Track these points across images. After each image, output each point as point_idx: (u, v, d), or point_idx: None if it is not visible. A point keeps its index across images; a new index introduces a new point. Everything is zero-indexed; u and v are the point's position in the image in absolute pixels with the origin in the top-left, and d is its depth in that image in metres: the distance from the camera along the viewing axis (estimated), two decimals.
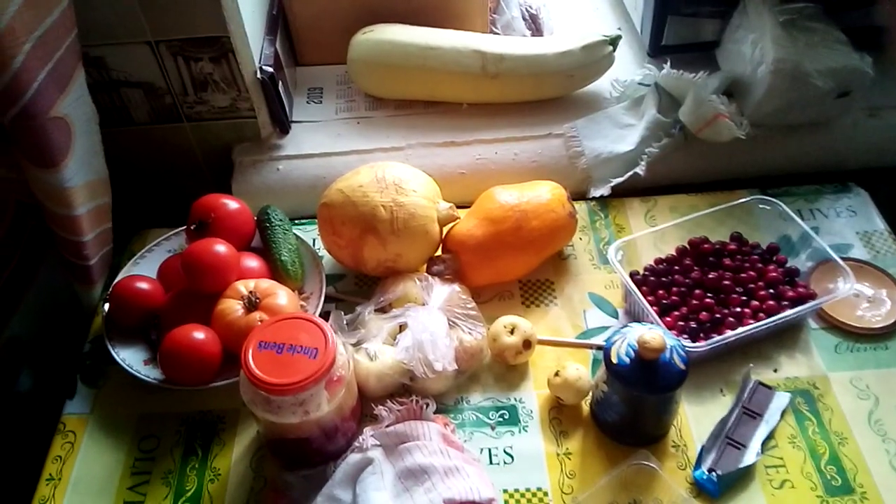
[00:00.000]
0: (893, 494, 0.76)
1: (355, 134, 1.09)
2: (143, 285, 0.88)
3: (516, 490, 0.78)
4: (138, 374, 0.84)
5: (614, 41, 1.08)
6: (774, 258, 0.93)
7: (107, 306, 0.90)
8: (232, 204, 0.92)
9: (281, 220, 0.94)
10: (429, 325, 0.83)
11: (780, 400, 0.83)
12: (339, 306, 0.92)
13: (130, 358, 0.86)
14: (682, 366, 0.75)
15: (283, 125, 1.07)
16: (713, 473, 0.77)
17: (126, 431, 0.84)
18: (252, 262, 0.90)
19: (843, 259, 0.89)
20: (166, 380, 0.83)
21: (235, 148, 1.07)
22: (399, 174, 0.90)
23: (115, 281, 0.91)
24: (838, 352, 0.87)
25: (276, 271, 0.90)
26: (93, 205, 0.91)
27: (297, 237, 0.95)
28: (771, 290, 0.89)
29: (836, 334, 0.89)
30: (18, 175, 0.86)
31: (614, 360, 0.76)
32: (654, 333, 0.74)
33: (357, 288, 0.96)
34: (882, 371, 0.85)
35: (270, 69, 1.02)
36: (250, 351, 0.72)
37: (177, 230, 0.98)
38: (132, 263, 0.95)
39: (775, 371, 0.86)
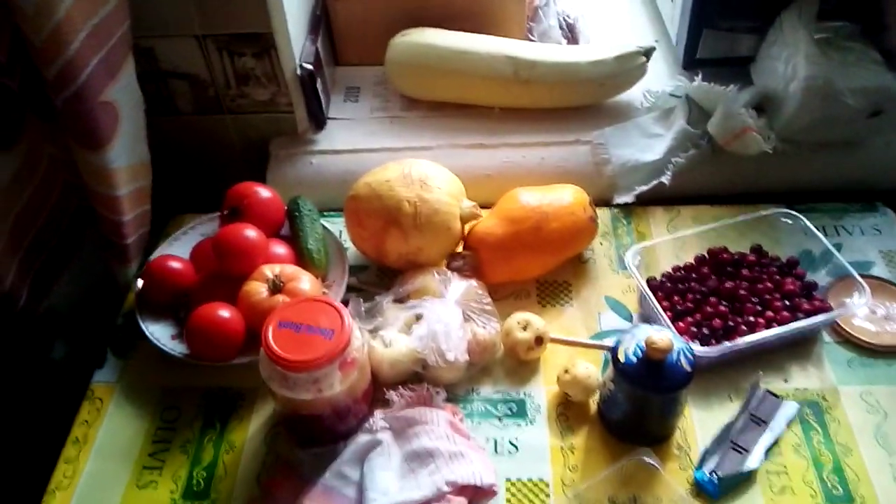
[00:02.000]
0: None
1: (388, 132, 1.12)
2: (176, 264, 0.93)
3: (518, 479, 0.80)
4: (165, 348, 0.88)
5: (648, 52, 1.09)
6: (793, 271, 0.93)
7: (140, 283, 0.94)
8: (264, 192, 0.96)
9: (310, 211, 0.98)
10: (444, 316, 0.86)
11: (788, 409, 0.83)
12: (361, 295, 0.95)
13: (159, 332, 0.90)
14: (688, 368, 0.76)
15: (318, 121, 1.11)
16: (714, 475, 0.78)
17: (150, 401, 0.88)
18: (280, 248, 0.94)
19: (863, 276, 0.90)
20: (191, 354, 0.87)
21: (273, 141, 1.11)
22: (425, 171, 0.93)
23: (150, 259, 0.95)
24: (851, 366, 0.87)
25: (302, 258, 0.94)
26: (134, 187, 0.95)
27: (324, 227, 0.99)
28: (787, 302, 0.89)
29: (850, 349, 0.89)
30: (66, 155, 0.91)
31: (621, 359, 0.77)
32: (663, 334, 0.76)
33: (378, 279, 0.99)
34: (894, 388, 0.85)
35: (310, 66, 1.06)
36: (270, 328, 0.76)
37: (211, 215, 1.02)
38: (167, 244, 0.99)
39: (785, 381, 0.86)
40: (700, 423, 0.83)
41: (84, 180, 0.91)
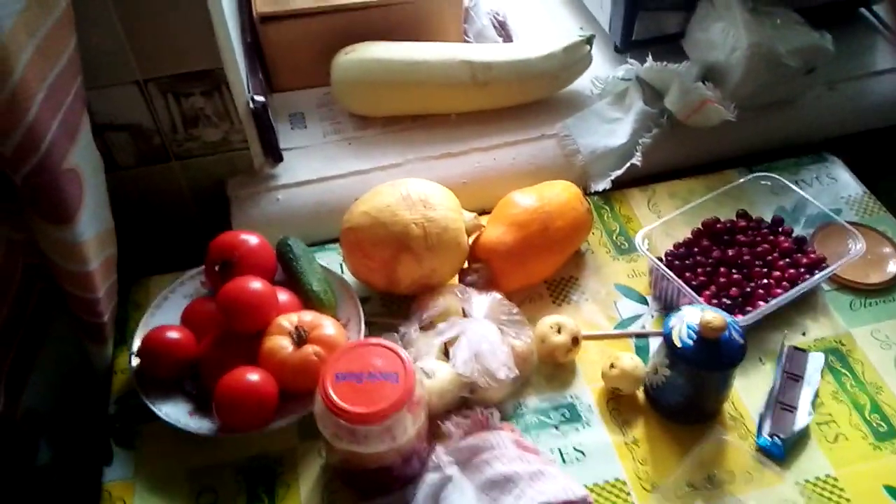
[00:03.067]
0: None
1: (349, 155, 1.07)
2: (175, 334, 0.84)
3: (595, 484, 0.79)
4: (188, 428, 0.79)
5: (590, 40, 1.11)
6: (780, 229, 0.98)
7: (134, 361, 0.85)
8: (253, 239, 0.89)
9: (304, 251, 0.92)
10: (483, 335, 0.83)
11: (816, 360, 0.88)
12: (372, 329, 0.90)
13: (174, 412, 0.81)
14: (741, 340, 0.78)
15: (276, 154, 1.04)
16: (776, 438, 0.81)
17: (179, 489, 0.80)
18: (283, 296, 0.87)
19: (837, 223, 0.96)
20: (224, 428, 0.79)
21: (229, 182, 1.03)
22: (423, 189, 0.90)
23: (143, 334, 0.86)
24: (853, 309, 0.93)
25: (309, 302, 0.88)
26: (103, 257, 0.85)
27: (322, 265, 0.93)
28: (787, 260, 0.94)
29: (848, 293, 0.95)
30: (26, 236, 0.80)
31: (678, 345, 0.78)
32: (713, 313, 0.77)
33: (385, 309, 0.95)
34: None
35: (262, 98, 0.99)
36: (328, 384, 0.70)
37: (190, 273, 0.93)
38: (149, 314, 0.90)
39: (803, 335, 0.91)
40: (742, 389, 0.86)
41: (50, 259, 0.80)
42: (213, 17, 0.88)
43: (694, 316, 0.79)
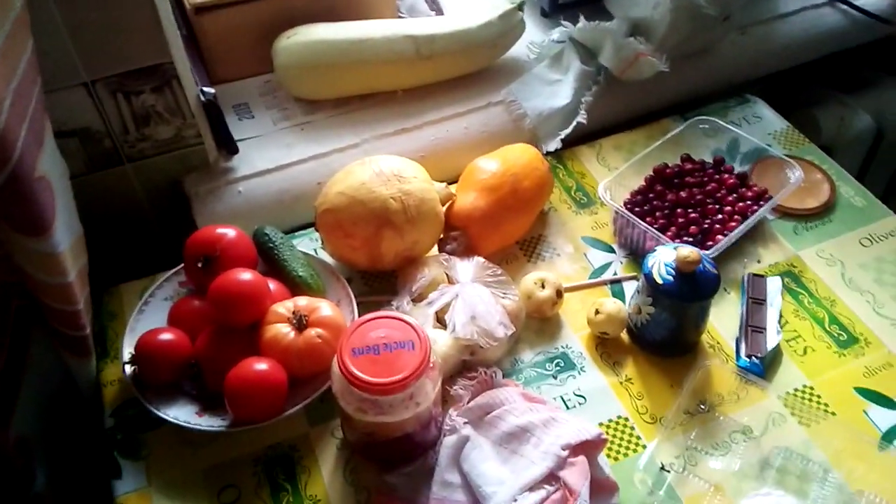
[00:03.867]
0: (885, 334, 0.90)
1: (304, 140, 1.06)
2: (168, 336, 0.82)
3: (600, 423, 0.84)
4: (200, 428, 0.78)
5: (521, 6, 1.14)
6: (723, 168, 1.05)
7: (128, 370, 0.83)
8: (231, 232, 0.88)
9: (282, 238, 0.91)
10: (477, 297, 0.86)
11: (774, 283, 0.95)
12: (361, 308, 0.91)
13: (182, 414, 0.80)
14: (714, 270, 0.84)
15: (231, 146, 1.02)
16: (753, 358, 0.88)
17: (199, 490, 0.79)
18: (270, 285, 0.87)
19: (769, 157, 1.04)
20: (237, 421, 0.79)
21: (186, 180, 1.01)
22: (395, 164, 0.91)
23: (133, 342, 0.84)
24: (797, 233, 1.01)
25: (297, 288, 0.88)
26: (78, 267, 0.82)
27: (302, 251, 0.93)
28: (734, 195, 1.01)
29: (789, 220, 1.03)
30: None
31: (659, 282, 0.83)
32: (688, 249, 0.83)
33: (369, 287, 0.96)
34: (836, 239, 1.00)
35: (211, 90, 0.97)
36: (348, 360, 0.71)
37: (165, 276, 0.91)
38: (133, 321, 0.87)
39: (758, 262, 0.98)
40: (716, 320, 0.92)
41: (27, 273, 0.77)
42: (160, 12, 0.86)
43: (668, 255, 0.84)
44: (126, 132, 0.95)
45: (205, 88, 0.97)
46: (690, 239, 0.96)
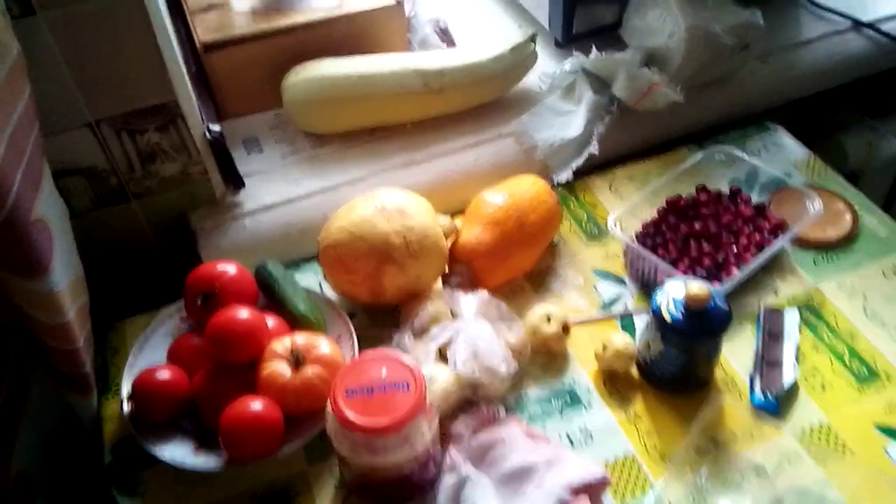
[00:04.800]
0: None
1: (312, 174, 1.06)
2: (166, 374, 0.82)
3: (607, 462, 0.81)
4: (195, 468, 0.78)
5: (533, 38, 1.13)
6: (739, 198, 1.02)
7: (126, 407, 0.82)
8: (231, 268, 0.88)
9: (283, 274, 0.91)
10: (478, 333, 0.84)
11: (792, 317, 0.92)
12: (363, 343, 0.90)
13: (177, 453, 0.79)
14: (725, 307, 0.81)
15: (238, 181, 1.02)
16: (768, 394, 0.84)
17: None
18: (270, 320, 0.86)
19: (789, 187, 1.01)
20: (233, 461, 0.77)
21: (192, 215, 1.01)
22: (398, 200, 0.90)
23: (131, 378, 0.83)
24: (817, 265, 0.98)
25: (297, 324, 0.87)
26: (77, 306, 0.83)
27: (304, 287, 0.92)
28: (751, 226, 0.98)
29: (810, 251, 0.99)
30: None
31: (668, 319, 0.80)
32: (697, 285, 0.80)
33: (371, 321, 0.94)
34: (858, 271, 0.96)
35: (217, 127, 0.98)
36: (341, 401, 0.70)
37: (167, 311, 0.91)
38: (132, 357, 0.87)
39: (776, 294, 0.95)
40: (729, 354, 0.89)
41: (26, 312, 0.77)
42: (164, 52, 0.87)
43: (677, 290, 0.82)
44: (132, 170, 0.95)
45: (211, 126, 0.97)
46: (703, 272, 0.93)
